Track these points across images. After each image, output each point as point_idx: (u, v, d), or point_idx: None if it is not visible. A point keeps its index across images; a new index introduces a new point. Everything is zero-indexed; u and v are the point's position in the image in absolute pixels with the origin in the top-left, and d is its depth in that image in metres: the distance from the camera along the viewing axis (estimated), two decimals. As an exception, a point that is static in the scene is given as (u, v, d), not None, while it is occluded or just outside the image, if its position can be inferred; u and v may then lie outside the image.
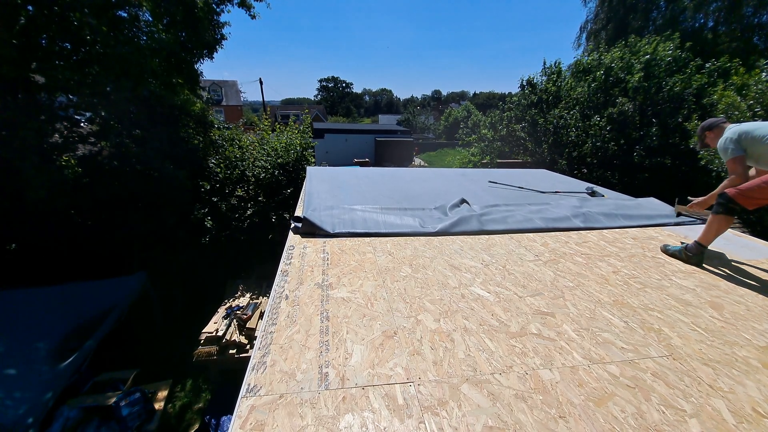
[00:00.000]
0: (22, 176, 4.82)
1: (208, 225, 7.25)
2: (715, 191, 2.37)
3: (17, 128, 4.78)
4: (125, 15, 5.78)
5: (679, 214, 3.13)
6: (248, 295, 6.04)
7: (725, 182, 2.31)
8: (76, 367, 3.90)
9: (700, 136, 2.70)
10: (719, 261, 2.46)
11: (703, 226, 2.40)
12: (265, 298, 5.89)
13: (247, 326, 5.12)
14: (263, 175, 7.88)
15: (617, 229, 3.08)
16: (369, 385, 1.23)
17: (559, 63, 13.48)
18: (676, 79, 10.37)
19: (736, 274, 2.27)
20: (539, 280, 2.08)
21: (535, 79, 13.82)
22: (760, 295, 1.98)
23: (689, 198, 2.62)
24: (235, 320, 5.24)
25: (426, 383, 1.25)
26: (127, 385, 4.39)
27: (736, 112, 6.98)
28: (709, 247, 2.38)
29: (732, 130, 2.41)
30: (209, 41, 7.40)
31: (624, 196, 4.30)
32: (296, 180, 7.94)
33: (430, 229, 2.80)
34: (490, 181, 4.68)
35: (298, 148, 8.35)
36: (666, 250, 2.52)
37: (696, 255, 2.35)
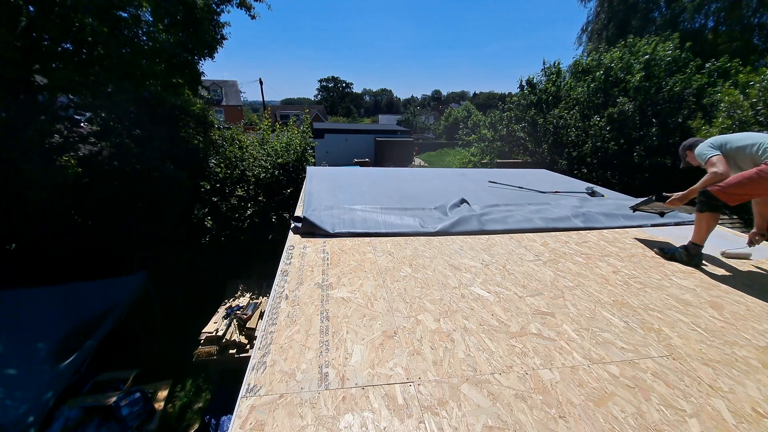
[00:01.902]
0: (24, 177, 4.82)
1: (208, 225, 7.25)
2: (694, 186, 2.35)
3: (20, 129, 4.78)
4: (126, 15, 5.78)
5: (635, 210, 3.00)
6: (248, 295, 6.04)
7: (705, 177, 2.28)
8: (76, 367, 3.90)
9: (681, 155, 2.72)
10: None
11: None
12: (265, 298, 5.89)
13: (247, 326, 5.12)
14: (263, 175, 7.88)
15: (617, 229, 3.08)
16: (369, 385, 1.23)
17: (559, 63, 13.50)
18: (676, 79, 10.37)
19: (736, 274, 2.28)
20: (539, 280, 2.08)
21: (534, 80, 13.83)
22: (760, 295, 1.99)
23: (665, 194, 2.60)
24: (235, 320, 5.24)
25: (426, 383, 1.25)
26: (127, 385, 4.38)
27: (739, 111, 6.98)
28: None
29: (708, 140, 2.45)
30: (209, 41, 7.40)
31: (624, 196, 4.31)
32: (296, 180, 7.94)
33: (430, 229, 2.80)
34: (490, 181, 4.68)
35: (298, 148, 8.35)
36: (663, 252, 2.51)
37: (695, 255, 2.36)
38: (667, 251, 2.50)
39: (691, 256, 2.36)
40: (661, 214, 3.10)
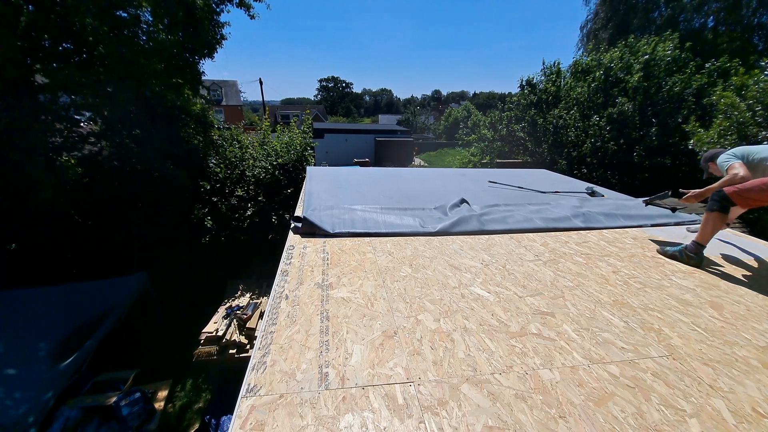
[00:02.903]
0: (28, 177, 4.82)
1: (208, 225, 7.25)
2: (712, 186, 2.37)
3: (23, 129, 4.79)
4: (126, 16, 5.78)
5: (647, 204, 3.05)
6: (248, 295, 6.04)
7: (725, 179, 2.31)
8: (76, 367, 3.89)
9: (704, 167, 2.75)
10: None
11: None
12: (265, 298, 5.89)
13: (247, 326, 5.11)
14: (263, 175, 7.88)
15: (617, 229, 3.08)
16: (369, 385, 1.23)
17: (558, 63, 13.51)
18: (676, 79, 10.37)
19: (736, 274, 2.28)
20: (539, 280, 2.08)
21: (534, 80, 13.84)
22: (760, 295, 1.99)
23: (681, 191, 2.62)
24: (235, 320, 5.24)
25: (426, 383, 1.25)
26: (127, 385, 4.38)
27: (735, 113, 6.97)
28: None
29: (729, 150, 2.49)
30: (209, 41, 7.40)
31: (624, 196, 4.30)
32: (296, 180, 7.93)
33: (430, 229, 2.80)
34: (490, 181, 4.68)
35: (298, 148, 8.35)
36: (665, 252, 2.51)
37: (696, 255, 2.34)
38: (668, 249, 2.49)
39: (690, 256, 2.35)
40: (673, 210, 3.13)
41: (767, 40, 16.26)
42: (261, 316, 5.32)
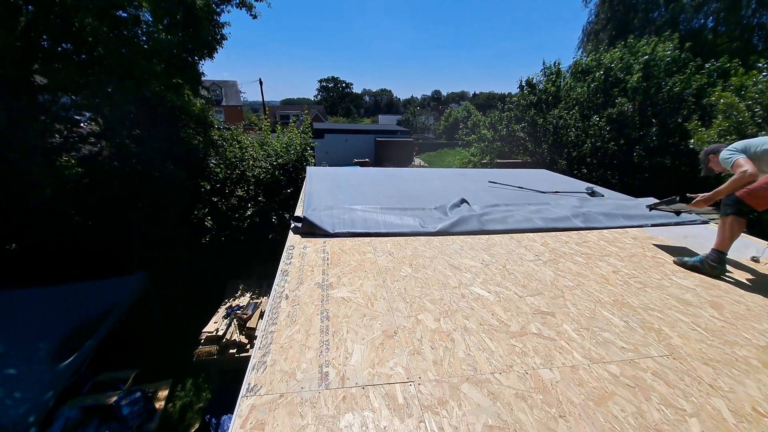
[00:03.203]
0: (27, 176, 4.83)
1: (208, 225, 7.25)
2: (720, 187, 2.30)
3: (22, 129, 4.79)
4: (125, 16, 5.78)
5: (652, 209, 2.96)
6: (248, 295, 6.04)
7: (734, 177, 2.21)
8: (76, 367, 3.89)
9: (704, 161, 2.65)
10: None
11: (704, 226, 2.38)
12: (265, 297, 5.89)
13: (247, 326, 5.12)
14: (263, 175, 7.88)
15: (617, 229, 3.08)
16: (369, 384, 1.23)
17: (558, 63, 13.51)
18: (676, 79, 10.37)
19: (736, 274, 2.28)
20: (539, 279, 2.08)
21: (534, 80, 13.83)
22: (760, 295, 1.99)
23: (688, 195, 2.58)
24: (235, 320, 5.24)
25: (426, 383, 1.25)
26: (128, 384, 4.38)
27: (735, 112, 6.97)
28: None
29: (730, 145, 2.40)
30: (209, 41, 7.41)
31: (624, 196, 4.31)
32: (296, 180, 7.94)
33: (431, 229, 2.80)
34: (490, 181, 4.68)
35: (298, 148, 8.35)
36: (684, 263, 2.36)
37: (719, 264, 2.23)
38: (687, 260, 2.36)
39: (713, 265, 2.22)
40: (677, 213, 3.05)
41: (767, 40, 16.26)
42: (261, 315, 5.33)
